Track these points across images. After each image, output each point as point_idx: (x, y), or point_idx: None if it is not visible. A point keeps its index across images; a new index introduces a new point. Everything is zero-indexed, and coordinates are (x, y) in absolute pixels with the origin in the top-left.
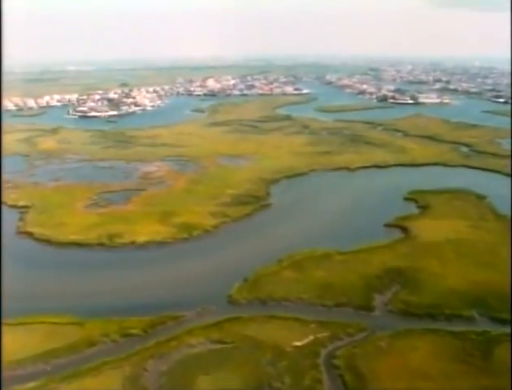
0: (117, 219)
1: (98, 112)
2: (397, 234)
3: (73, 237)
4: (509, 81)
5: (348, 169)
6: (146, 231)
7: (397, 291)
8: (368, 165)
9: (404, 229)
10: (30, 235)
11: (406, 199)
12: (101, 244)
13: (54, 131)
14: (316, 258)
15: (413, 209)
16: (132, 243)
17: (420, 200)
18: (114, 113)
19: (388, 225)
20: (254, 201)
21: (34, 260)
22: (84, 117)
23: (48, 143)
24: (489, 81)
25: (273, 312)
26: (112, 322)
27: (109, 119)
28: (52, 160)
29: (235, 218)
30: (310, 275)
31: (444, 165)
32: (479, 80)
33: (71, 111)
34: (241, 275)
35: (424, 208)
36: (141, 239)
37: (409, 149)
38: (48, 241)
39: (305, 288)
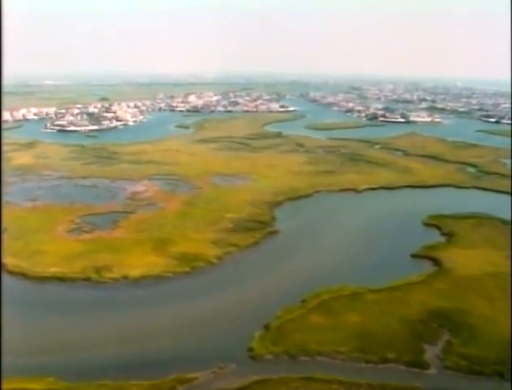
0: (104, 248)
1: (78, 126)
2: (428, 266)
3: (53, 270)
4: (495, 101)
5: (355, 190)
6: (140, 263)
7: (448, 340)
8: (376, 186)
9: (434, 261)
10: (2, 266)
11: (427, 225)
12: (87, 279)
13: (31, 145)
14: (346, 298)
15: (437, 236)
16: (124, 277)
17: (442, 226)
18: (95, 127)
19: (415, 256)
20: (260, 227)
21: (5, 299)
22: (63, 131)
23: (24, 158)
24: (474, 101)
25: (308, 371)
26: (106, 388)
27: (89, 134)
28: (28, 177)
29: (241, 248)
30: (344, 320)
31: (456, 186)
32: (464, 99)
33: (48, 125)
34: (260, 320)
35: (449, 235)
36: (135, 272)
37: (414, 170)
38: (23, 275)
39: (341, 337)
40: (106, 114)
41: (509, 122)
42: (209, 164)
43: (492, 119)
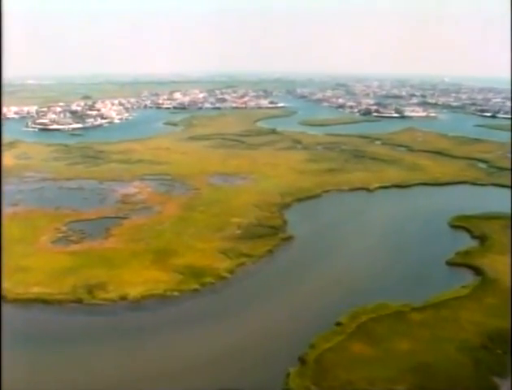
0: (96, 261)
1: (61, 125)
2: (468, 276)
3: (37, 290)
4: (484, 96)
5: (367, 189)
6: (139, 280)
7: None
8: (388, 184)
9: (474, 269)
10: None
11: (454, 227)
12: (77, 301)
13: (11, 145)
14: (388, 320)
15: (468, 240)
16: (122, 298)
17: (471, 228)
18: (79, 126)
19: (451, 263)
20: (271, 233)
21: None
22: (45, 130)
23: (3, 159)
24: (463, 96)
25: None
26: None
27: (73, 132)
28: (8, 179)
29: (254, 258)
30: (391, 348)
31: (472, 184)
32: (453, 94)
33: (30, 124)
34: (292, 350)
35: (482, 239)
36: (134, 291)
37: (423, 166)
38: (2, 297)
39: (394, 372)
40: (90, 112)
41: (506, 116)
42: (204, 163)
43: (488, 114)
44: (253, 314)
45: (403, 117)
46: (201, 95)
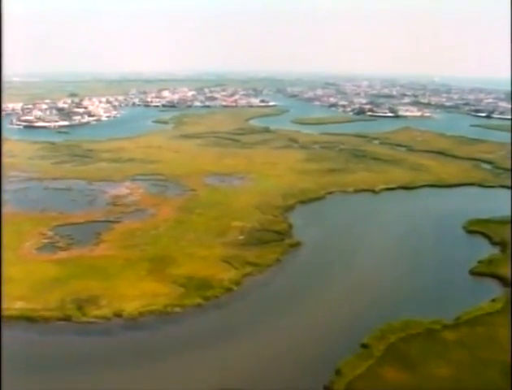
0: (86, 271)
1: (47, 122)
2: (496, 287)
3: (20, 305)
4: (476, 97)
5: (372, 191)
6: (136, 293)
7: None
8: (393, 186)
9: (500, 279)
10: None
11: (470, 232)
12: (66, 319)
13: None
14: (420, 339)
15: (488, 247)
16: (117, 315)
17: (490, 233)
18: (66, 123)
19: (475, 273)
20: (277, 239)
21: None
22: (30, 127)
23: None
24: (455, 96)
25: None
26: None
27: (59, 130)
28: None
29: (261, 267)
30: (430, 374)
31: (481, 185)
32: (444, 94)
33: (14, 121)
34: (316, 377)
35: (503, 245)
36: (130, 307)
37: (427, 167)
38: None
39: None
40: (77, 110)
41: (502, 117)
42: (198, 162)
43: (482, 114)
44: (266, 332)
45: (398, 116)
46: (190, 93)
